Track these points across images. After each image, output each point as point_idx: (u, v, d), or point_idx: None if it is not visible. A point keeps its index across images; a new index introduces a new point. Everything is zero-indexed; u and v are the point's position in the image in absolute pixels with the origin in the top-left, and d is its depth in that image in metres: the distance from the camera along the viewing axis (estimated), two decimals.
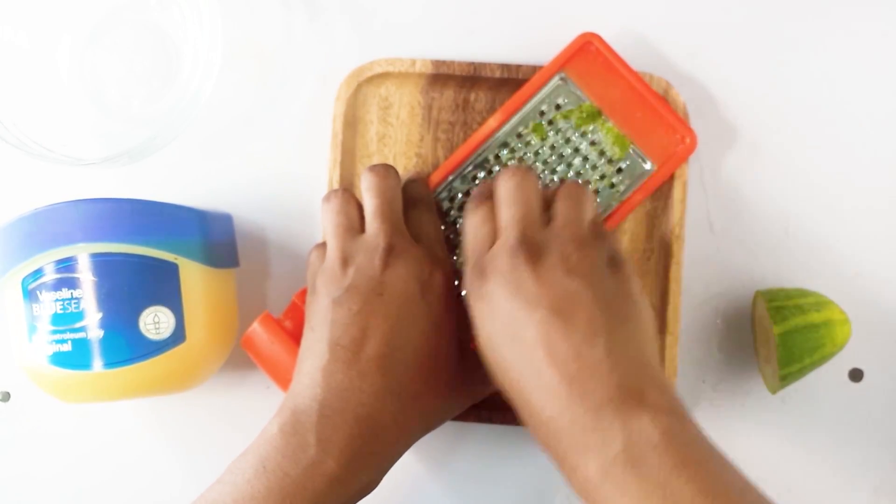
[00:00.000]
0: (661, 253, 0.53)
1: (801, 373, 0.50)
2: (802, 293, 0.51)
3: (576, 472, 0.39)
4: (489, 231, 0.44)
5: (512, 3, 0.55)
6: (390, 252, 0.45)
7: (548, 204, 0.45)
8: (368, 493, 0.44)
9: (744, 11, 0.54)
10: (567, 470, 0.40)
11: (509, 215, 0.43)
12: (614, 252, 0.44)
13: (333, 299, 0.44)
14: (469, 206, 0.46)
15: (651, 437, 0.37)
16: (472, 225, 0.45)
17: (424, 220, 0.48)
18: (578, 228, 0.43)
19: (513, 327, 0.41)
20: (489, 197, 0.45)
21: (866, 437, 0.54)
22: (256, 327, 0.49)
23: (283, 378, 0.48)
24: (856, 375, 0.54)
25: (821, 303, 0.50)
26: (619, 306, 0.41)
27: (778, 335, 0.49)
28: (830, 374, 0.53)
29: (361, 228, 0.47)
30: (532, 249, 0.41)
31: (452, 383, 0.46)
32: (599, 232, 0.44)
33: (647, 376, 0.40)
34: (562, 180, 0.48)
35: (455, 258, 0.51)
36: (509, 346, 0.41)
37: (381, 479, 0.44)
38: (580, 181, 0.49)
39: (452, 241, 0.51)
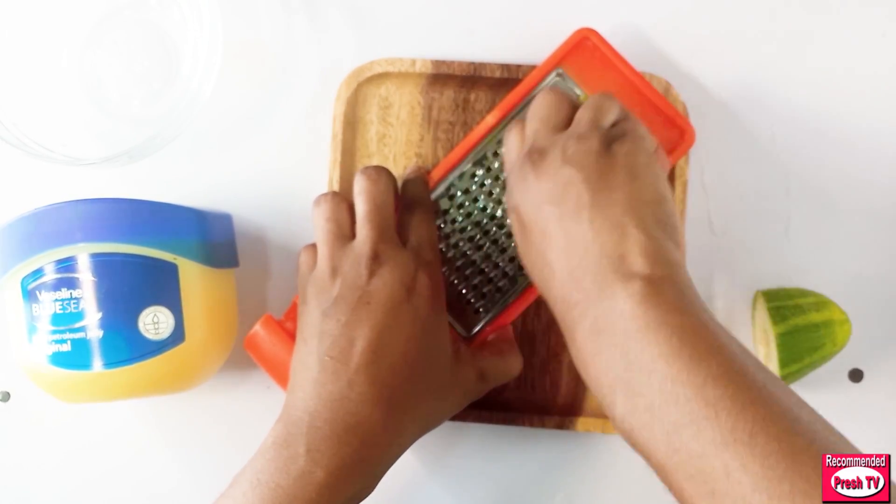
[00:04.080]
0: None
1: (801, 373, 0.50)
2: (802, 293, 0.51)
3: (571, 348, 0.40)
4: (518, 149, 0.46)
5: (512, 3, 0.55)
6: (375, 260, 0.45)
7: None
8: (363, 498, 0.44)
9: (744, 11, 0.54)
10: (570, 349, 0.41)
11: (529, 131, 0.45)
12: (621, 132, 0.43)
13: (323, 311, 0.44)
14: (507, 127, 0.48)
15: (620, 304, 0.38)
16: (506, 146, 0.47)
17: (418, 222, 0.48)
18: (585, 127, 0.43)
19: (529, 229, 0.42)
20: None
21: (866, 437, 0.53)
22: (259, 329, 0.49)
23: (285, 379, 0.48)
24: (856, 375, 0.54)
25: (821, 303, 0.51)
26: (611, 178, 0.41)
27: (778, 335, 0.49)
28: (830, 374, 0.53)
29: (352, 232, 0.47)
30: (537, 154, 0.43)
31: (446, 384, 0.46)
32: (617, 125, 0.44)
33: (631, 240, 0.39)
34: None
35: (454, 253, 0.51)
36: (529, 249, 0.43)
37: (374, 485, 0.45)
38: None
39: (452, 239, 0.51)
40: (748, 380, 0.35)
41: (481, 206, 0.51)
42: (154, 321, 0.47)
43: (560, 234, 0.41)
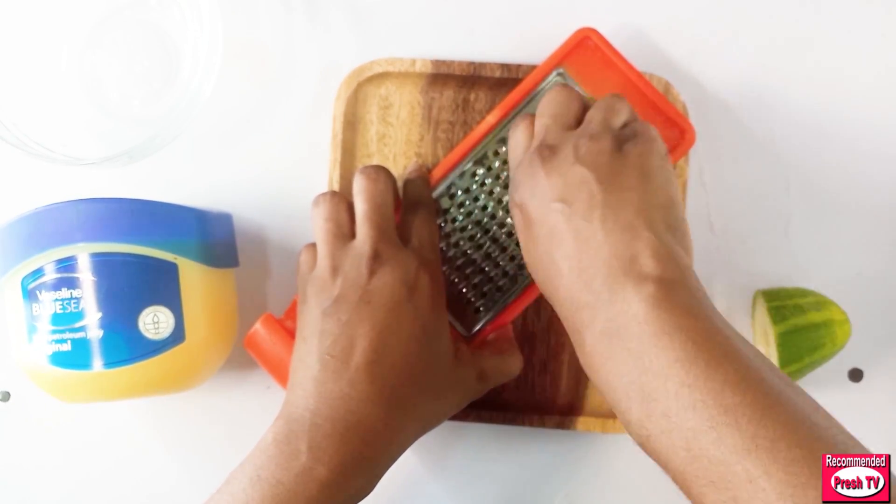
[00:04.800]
0: None
1: (801, 372, 0.50)
2: (802, 293, 0.51)
3: (579, 350, 0.40)
4: (525, 144, 0.46)
5: (512, 3, 0.55)
6: (376, 259, 0.45)
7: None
8: (363, 497, 0.44)
9: (744, 11, 0.54)
10: (577, 351, 0.40)
11: (539, 126, 0.45)
12: (632, 133, 0.43)
13: (323, 310, 0.44)
14: (514, 121, 0.48)
15: (632, 307, 0.37)
16: (512, 140, 0.47)
17: (419, 221, 0.49)
18: (597, 126, 0.43)
19: (535, 227, 0.42)
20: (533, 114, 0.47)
21: (866, 437, 0.53)
22: (259, 328, 0.49)
23: (285, 378, 0.48)
24: (856, 375, 0.54)
25: (821, 303, 0.51)
26: (623, 178, 0.41)
27: (778, 335, 0.49)
28: (830, 374, 0.53)
29: (352, 232, 0.47)
30: (548, 151, 0.42)
31: (446, 383, 0.46)
32: (627, 126, 0.44)
33: (642, 242, 0.39)
34: None
35: (455, 252, 0.51)
36: (534, 247, 0.42)
37: (375, 483, 0.45)
38: None
39: (452, 239, 0.51)
40: (765, 385, 0.35)
41: (482, 205, 0.51)
42: (154, 321, 0.47)
43: (569, 234, 0.40)
